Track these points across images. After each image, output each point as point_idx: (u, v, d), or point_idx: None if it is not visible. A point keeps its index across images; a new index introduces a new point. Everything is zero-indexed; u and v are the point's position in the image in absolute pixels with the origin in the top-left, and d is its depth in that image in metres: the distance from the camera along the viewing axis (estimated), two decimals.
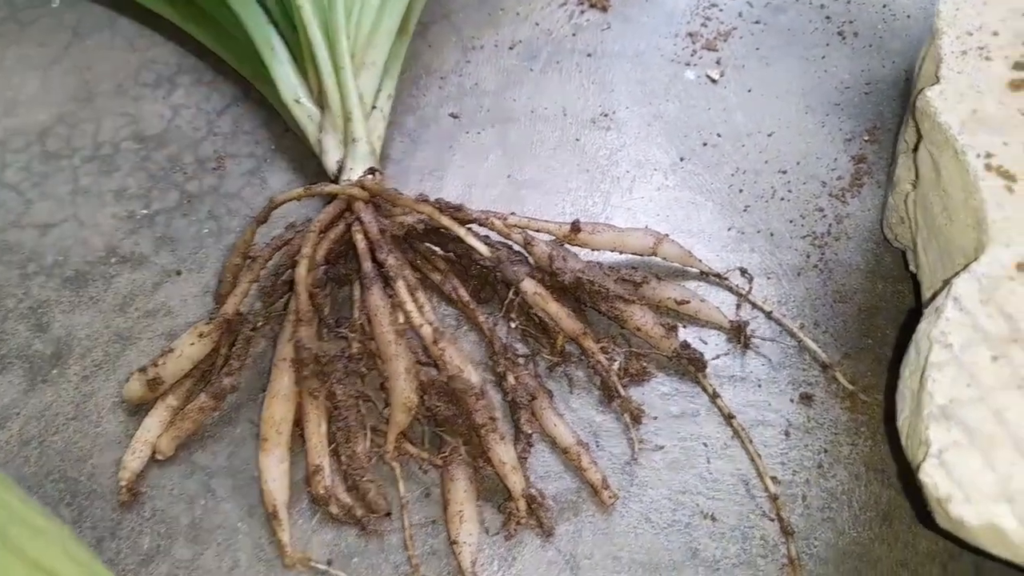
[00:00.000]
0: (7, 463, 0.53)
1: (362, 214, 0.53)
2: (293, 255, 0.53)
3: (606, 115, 0.65)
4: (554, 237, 0.55)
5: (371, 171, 0.56)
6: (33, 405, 0.55)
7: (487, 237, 0.55)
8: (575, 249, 0.55)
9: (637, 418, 0.51)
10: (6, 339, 0.58)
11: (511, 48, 0.70)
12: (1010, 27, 0.43)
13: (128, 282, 0.60)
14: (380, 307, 0.49)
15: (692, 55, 0.68)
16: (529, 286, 0.51)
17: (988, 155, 0.39)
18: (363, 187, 0.54)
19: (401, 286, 0.50)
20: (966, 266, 0.36)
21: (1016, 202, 0.37)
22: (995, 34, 0.43)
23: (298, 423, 0.50)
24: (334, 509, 0.49)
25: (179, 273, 0.60)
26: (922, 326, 0.36)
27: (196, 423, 0.51)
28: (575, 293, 0.53)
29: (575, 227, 0.54)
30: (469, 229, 0.54)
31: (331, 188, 0.54)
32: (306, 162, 0.64)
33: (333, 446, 0.50)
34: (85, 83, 0.71)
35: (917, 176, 0.44)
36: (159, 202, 0.63)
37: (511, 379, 0.51)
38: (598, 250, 0.55)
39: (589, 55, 0.69)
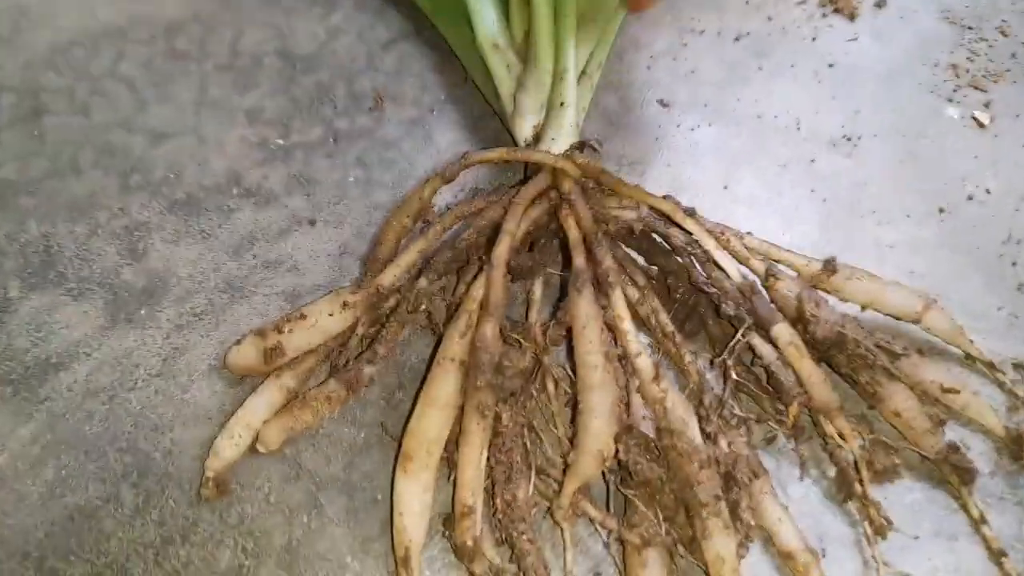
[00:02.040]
0: (65, 414, 0.42)
1: (573, 196, 0.42)
2: (481, 229, 0.41)
3: (848, 139, 0.53)
4: (798, 275, 0.43)
5: (581, 145, 0.45)
6: (110, 348, 0.44)
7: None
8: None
9: (881, 531, 0.39)
10: (92, 259, 0.47)
11: (737, 39, 0.58)
12: None
13: (249, 221, 0.48)
14: (592, 318, 0.37)
15: (955, 91, 0.56)
16: (784, 333, 0.39)
17: None
18: (575, 163, 0.43)
19: (619, 298, 0.38)
20: None
21: None
22: None
23: (449, 445, 0.39)
24: (478, 568, 0.37)
25: (312, 223, 0.48)
26: None
27: (317, 415, 0.40)
28: (827, 352, 0.41)
29: (829, 266, 0.42)
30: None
31: (543, 157, 0.42)
32: (481, 122, 0.53)
33: (488, 485, 0.38)
34: None
35: None
36: (299, 134, 0.52)
37: (724, 445, 0.39)
38: (847, 302, 0.44)
39: (831, 65, 0.57)
